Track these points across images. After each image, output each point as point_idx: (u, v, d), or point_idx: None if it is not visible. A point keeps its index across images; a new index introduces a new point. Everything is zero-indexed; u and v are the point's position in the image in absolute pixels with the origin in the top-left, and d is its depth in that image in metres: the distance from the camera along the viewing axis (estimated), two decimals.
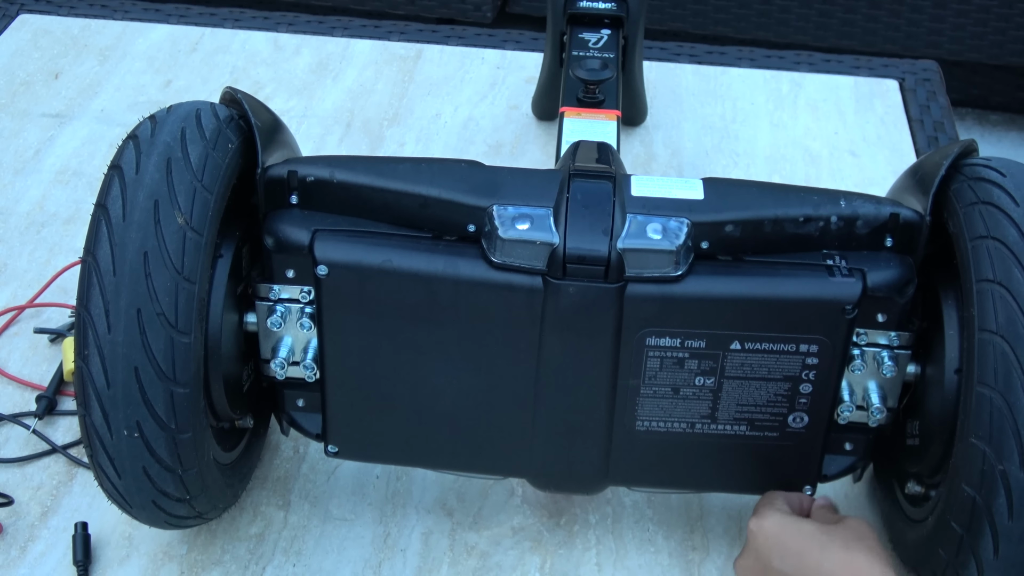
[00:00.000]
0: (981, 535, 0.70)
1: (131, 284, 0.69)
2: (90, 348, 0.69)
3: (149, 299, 0.69)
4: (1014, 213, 0.70)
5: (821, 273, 0.74)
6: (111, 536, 0.86)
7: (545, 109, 1.25)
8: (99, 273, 0.69)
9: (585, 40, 1.13)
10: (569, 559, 0.86)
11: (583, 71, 1.04)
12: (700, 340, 0.74)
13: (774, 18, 2.19)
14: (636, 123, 1.27)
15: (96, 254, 0.70)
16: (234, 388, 0.80)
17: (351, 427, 0.82)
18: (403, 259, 0.74)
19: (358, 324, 0.77)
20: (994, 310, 0.68)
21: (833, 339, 0.74)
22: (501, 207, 0.73)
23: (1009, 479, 0.67)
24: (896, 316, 0.76)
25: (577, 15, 1.16)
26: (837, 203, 0.75)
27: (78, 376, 0.70)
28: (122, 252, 0.69)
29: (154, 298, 0.69)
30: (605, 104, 1.03)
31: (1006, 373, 0.67)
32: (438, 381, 0.78)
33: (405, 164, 0.78)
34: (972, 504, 0.69)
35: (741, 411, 0.77)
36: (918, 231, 0.75)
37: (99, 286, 0.69)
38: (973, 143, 0.78)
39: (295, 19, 1.44)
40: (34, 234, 1.12)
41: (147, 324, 0.69)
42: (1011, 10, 2.11)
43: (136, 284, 0.69)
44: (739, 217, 0.74)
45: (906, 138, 1.27)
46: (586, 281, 0.72)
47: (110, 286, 0.69)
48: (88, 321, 0.69)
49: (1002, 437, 0.67)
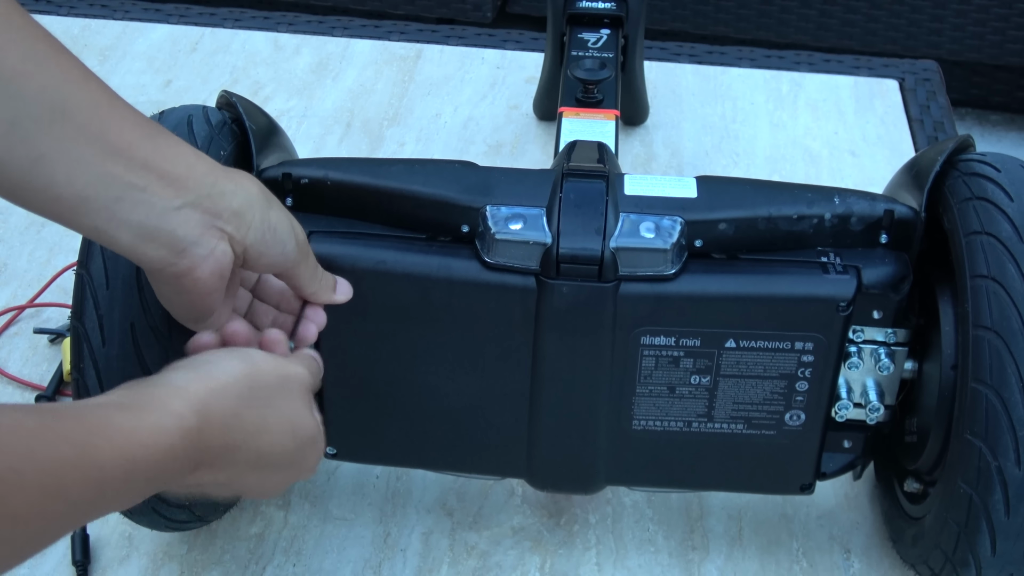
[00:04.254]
0: (978, 532, 0.70)
1: (124, 298, 0.69)
2: (85, 362, 0.70)
3: (142, 312, 0.69)
4: (1008, 208, 0.70)
5: (815, 270, 0.74)
6: (111, 536, 0.86)
7: (546, 109, 1.25)
8: (92, 287, 0.70)
9: (584, 40, 1.13)
10: (569, 559, 0.86)
11: (581, 71, 1.04)
12: (695, 339, 0.74)
13: (774, 18, 2.19)
14: (637, 123, 1.27)
15: (89, 267, 0.70)
16: None
17: (349, 429, 0.82)
18: (397, 260, 0.75)
19: (354, 325, 0.77)
20: (988, 306, 0.68)
21: (828, 336, 0.74)
22: (494, 207, 0.73)
23: (1005, 475, 0.67)
24: (892, 313, 0.75)
25: (577, 15, 1.15)
26: (831, 200, 0.75)
27: (75, 389, 0.71)
28: (115, 265, 0.70)
29: (148, 311, 0.69)
30: (604, 104, 1.03)
31: (1000, 369, 0.67)
32: (434, 382, 0.78)
33: (399, 165, 0.78)
34: (969, 501, 0.69)
35: (738, 409, 0.77)
36: (913, 227, 0.75)
37: (93, 299, 0.70)
38: (969, 138, 0.78)
39: (295, 19, 1.44)
40: (34, 234, 1.12)
41: (141, 338, 0.69)
42: (1011, 10, 2.10)
43: (129, 298, 0.69)
44: (732, 215, 0.74)
45: (906, 138, 1.27)
46: (580, 281, 0.72)
47: (103, 300, 0.70)
48: (83, 334, 0.70)
49: (997, 434, 0.67)
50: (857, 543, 0.87)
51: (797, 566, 0.85)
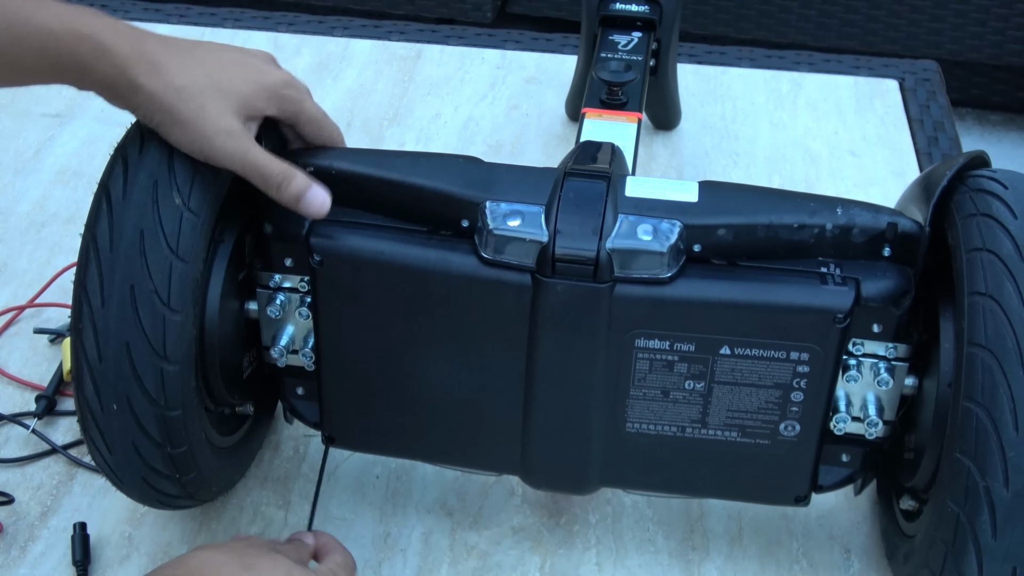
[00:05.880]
0: (965, 553, 0.68)
1: (126, 261, 0.70)
2: (84, 322, 0.71)
3: (143, 276, 0.70)
4: (1011, 226, 0.69)
5: (814, 281, 0.73)
6: (111, 536, 0.86)
7: (576, 109, 1.24)
8: (96, 249, 0.71)
9: (615, 42, 1.12)
10: (569, 559, 0.86)
11: (606, 73, 1.04)
12: (690, 343, 0.74)
13: (774, 18, 2.19)
14: (670, 127, 1.27)
15: (95, 231, 0.71)
16: (232, 373, 0.81)
17: (346, 416, 0.83)
18: (397, 251, 0.75)
19: (352, 314, 0.78)
20: (983, 324, 0.67)
21: (825, 348, 0.73)
22: (494, 203, 0.74)
23: (992, 496, 0.66)
24: (892, 327, 0.75)
25: (610, 17, 1.15)
26: (834, 211, 0.74)
27: (73, 350, 0.72)
28: (119, 230, 0.71)
29: (148, 275, 0.70)
30: (627, 106, 1.03)
31: (992, 388, 0.66)
32: (431, 374, 0.79)
33: (404, 157, 0.78)
34: (956, 521, 0.68)
35: (732, 417, 0.77)
36: (917, 242, 0.74)
37: (96, 262, 0.71)
38: (982, 155, 0.76)
39: (295, 19, 1.45)
40: (34, 234, 1.13)
41: (140, 300, 0.70)
42: (1011, 10, 2.09)
43: (131, 261, 0.70)
44: (732, 221, 0.73)
45: (906, 138, 1.26)
46: (574, 280, 0.72)
47: (106, 262, 0.70)
48: (83, 296, 0.71)
49: (986, 453, 0.66)
50: (857, 543, 0.86)
51: (797, 566, 0.85)
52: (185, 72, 0.72)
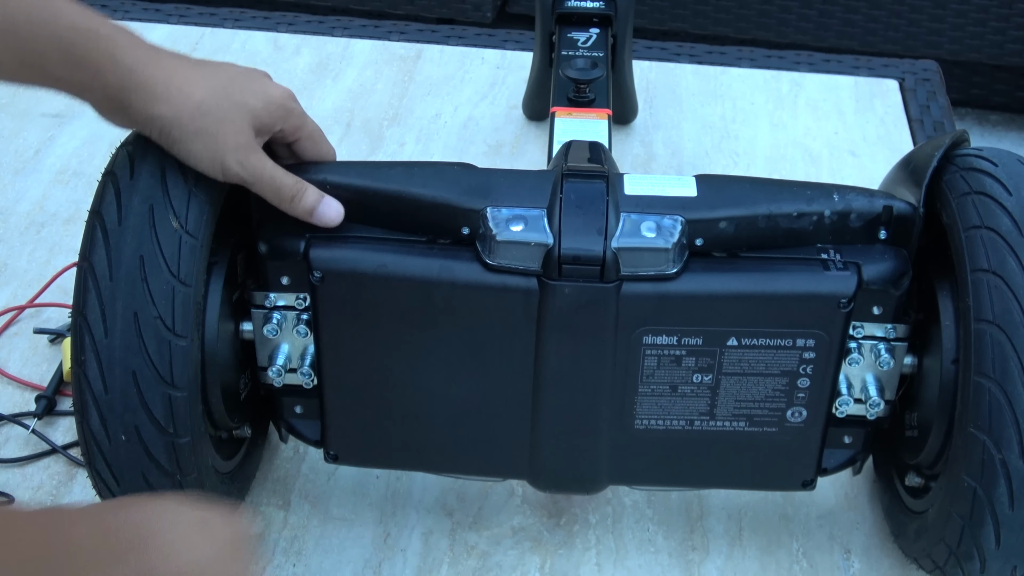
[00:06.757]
0: (983, 525, 0.70)
1: (127, 288, 0.69)
2: (87, 353, 0.69)
3: (146, 303, 0.69)
4: (1007, 202, 0.71)
5: (816, 267, 0.74)
6: None
7: (535, 110, 1.25)
8: (95, 278, 0.69)
9: (574, 39, 1.13)
10: (569, 559, 0.86)
11: (573, 70, 1.04)
12: (697, 337, 0.74)
13: (774, 18, 2.20)
14: (626, 121, 1.27)
15: (92, 259, 0.70)
16: (231, 396, 0.80)
17: (350, 433, 0.82)
18: (398, 263, 0.74)
19: (355, 329, 0.77)
20: (990, 299, 0.68)
21: (830, 333, 0.74)
22: (495, 209, 0.73)
23: (1009, 468, 0.68)
24: (892, 308, 0.76)
25: (565, 15, 1.15)
26: (830, 197, 0.75)
27: (75, 383, 0.70)
28: (118, 256, 0.69)
29: (151, 302, 0.69)
30: (595, 103, 1.03)
31: (1003, 362, 0.67)
32: (436, 385, 0.78)
33: (398, 168, 0.77)
34: (973, 494, 0.69)
35: (739, 407, 0.77)
36: (912, 223, 0.75)
37: (95, 291, 0.69)
38: (964, 133, 0.78)
39: (295, 19, 1.44)
40: (34, 234, 1.12)
41: (144, 328, 0.69)
42: (1011, 10, 2.11)
43: (133, 288, 0.69)
44: (733, 213, 0.74)
45: (906, 138, 1.27)
46: (581, 281, 0.72)
47: (106, 291, 0.69)
48: (84, 327, 0.69)
49: (1001, 427, 0.67)
50: (857, 543, 0.87)
51: (797, 566, 0.85)
52: (201, 87, 0.71)
